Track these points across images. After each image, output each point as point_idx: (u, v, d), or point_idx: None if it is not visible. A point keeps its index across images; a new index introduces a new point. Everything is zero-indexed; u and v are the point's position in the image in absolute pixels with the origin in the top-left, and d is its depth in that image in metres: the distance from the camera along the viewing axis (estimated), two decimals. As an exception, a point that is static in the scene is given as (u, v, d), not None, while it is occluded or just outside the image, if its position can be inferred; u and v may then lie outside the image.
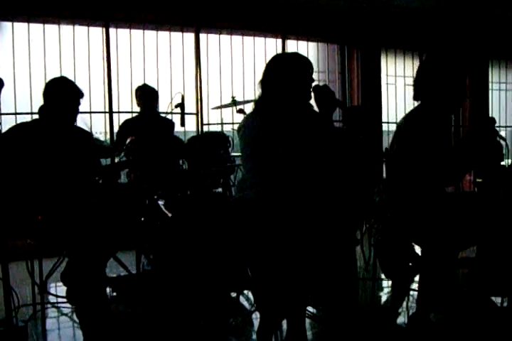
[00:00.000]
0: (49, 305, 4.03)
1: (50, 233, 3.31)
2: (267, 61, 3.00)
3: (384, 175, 3.53)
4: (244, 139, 2.96)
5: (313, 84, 2.95)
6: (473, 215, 3.37)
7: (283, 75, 2.87)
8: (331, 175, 3.03)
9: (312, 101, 2.98)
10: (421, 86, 3.26)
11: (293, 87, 2.88)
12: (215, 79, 6.94)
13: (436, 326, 3.40)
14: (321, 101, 2.90)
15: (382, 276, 4.35)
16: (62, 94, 3.51)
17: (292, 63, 2.90)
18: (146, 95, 5.37)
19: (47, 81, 3.63)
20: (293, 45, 7.45)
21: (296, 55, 3.00)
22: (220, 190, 4.79)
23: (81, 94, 3.60)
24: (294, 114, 2.90)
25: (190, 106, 6.45)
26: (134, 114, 5.79)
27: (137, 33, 6.53)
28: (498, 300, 3.99)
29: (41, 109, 3.58)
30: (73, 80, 3.62)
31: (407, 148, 3.21)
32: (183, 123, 5.23)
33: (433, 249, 3.15)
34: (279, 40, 7.33)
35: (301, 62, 2.92)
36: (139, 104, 5.46)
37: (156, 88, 5.57)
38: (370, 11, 7.44)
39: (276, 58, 2.99)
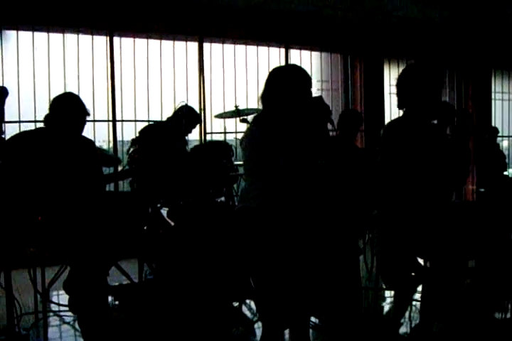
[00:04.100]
0: (51, 314, 4.03)
1: (52, 241, 3.31)
2: (267, 75, 3.01)
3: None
4: (246, 152, 2.99)
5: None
6: (475, 225, 3.37)
7: (282, 88, 2.89)
8: (331, 185, 3.05)
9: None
10: (402, 94, 3.33)
11: (292, 99, 2.90)
12: (219, 88, 6.95)
13: (439, 336, 3.39)
14: (316, 112, 2.95)
15: (384, 286, 4.34)
16: (68, 112, 3.52)
17: (291, 76, 2.93)
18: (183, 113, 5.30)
19: (54, 96, 3.63)
20: (296, 55, 7.46)
21: (294, 68, 3.05)
22: (222, 199, 4.79)
23: (87, 113, 3.62)
24: (293, 126, 2.93)
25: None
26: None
27: (141, 41, 6.54)
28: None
29: (47, 118, 3.59)
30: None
31: (387, 159, 3.29)
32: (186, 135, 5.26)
33: (437, 259, 3.15)
34: (282, 50, 7.34)
35: (299, 75, 2.95)
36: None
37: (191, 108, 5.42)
38: (373, 21, 7.47)
39: (274, 71, 3.01)
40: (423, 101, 3.24)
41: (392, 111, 8.02)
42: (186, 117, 5.16)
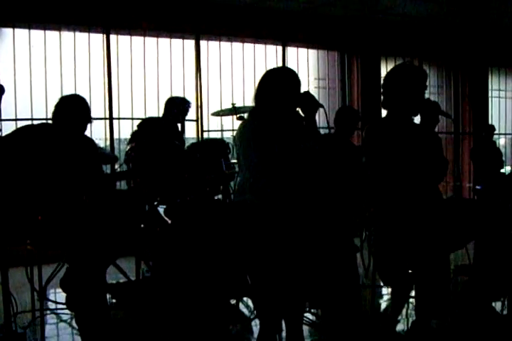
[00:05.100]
0: (48, 312, 4.02)
1: (51, 238, 3.31)
2: (260, 77, 3.15)
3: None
4: (241, 143, 3.07)
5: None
6: (472, 222, 3.39)
7: (273, 89, 3.03)
8: (321, 177, 3.09)
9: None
10: (387, 95, 3.40)
11: (283, 99, 3.03)
12: (215, 86, 6.95)
13: (438, 333, 3.39)
14: (304, 106, 3.06)
15: (382, 283, 4.34)
16: (73, 115, 3.52)
17: (282, 78, 3.06)
18: (172, 105, 5.37)
19: (63, 96, 3.62)
20: (293, 53, 7.46)
21: (285, 70, 3.21)
22: (219, 196, 4.79)
23: (90, 118, 3.62)
24: (284, 119, 3.04)
25: (190, 113, 6.44)
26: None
27: (138, 39, 6.54)
28: (498, 306, 3.99)
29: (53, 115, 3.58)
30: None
31: (371, 159, 3.39)
32: (183, 130, 5.26)
33: (428, 254, 3.17)
34: (279, 48, 7.34)
35: (289, 77, 3.08)
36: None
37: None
38: (370, 18, 7.46)
39: (267, 74, 3.14)
40: (406, 102, 3.30)
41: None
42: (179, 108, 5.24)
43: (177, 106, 5.34)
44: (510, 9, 7.12)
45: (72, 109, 3.53)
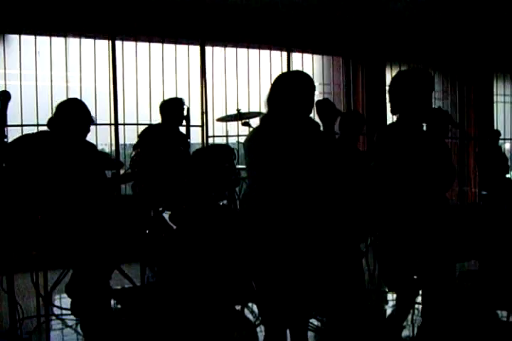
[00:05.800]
0: (53, 317, 4.02)
1: (56, 244, 3.32)
2: (273, 80, 3.09)
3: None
4: (249, 150, 3.04)
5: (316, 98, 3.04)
6: (477, 227, 3.38)
7: (287, 93, 2.97)
8: (327, 182, 3.08)
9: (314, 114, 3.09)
10: (394, 100, 3.39)
11: (297, 104, 2.97)
12: (220, 91, 6.96)
13: (443, 338, 3.38)
14: (323, 114, 3.01)
15: (387, 289, 4.33)
16: (73, 119, 3.53)
17: (296, 82, 3.00)
18: (166, 108, 5.40)
19: (57, 101, 3.63)
20: (298, 58, 7.47)
21: (299, 74, 3.13)
22: (225, 202, 4.79)
23: (92, 120, 3.63)
24: (297, 126, 2.98)
25: (195, 119, 6.47)
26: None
27: (143, 45, 6.57)
28: (503, 313, 3.98)
29: (50, 122, 3.59)
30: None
31: (381, 164, 3.36)
32: (188, 136, 5.27)
33: (434, 261, 3.16)
34: (284, 53, 7.36)
35: (304, 81, 3.03)
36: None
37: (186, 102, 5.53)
38: (375, 24, 7.47)
39: (281, 77, 3.09)
40: (414, 107, 3.29)
41: (394, 114, 8.00)
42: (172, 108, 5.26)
43: (169, 107, 5.34)
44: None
45: (71, 114, 3.54)
